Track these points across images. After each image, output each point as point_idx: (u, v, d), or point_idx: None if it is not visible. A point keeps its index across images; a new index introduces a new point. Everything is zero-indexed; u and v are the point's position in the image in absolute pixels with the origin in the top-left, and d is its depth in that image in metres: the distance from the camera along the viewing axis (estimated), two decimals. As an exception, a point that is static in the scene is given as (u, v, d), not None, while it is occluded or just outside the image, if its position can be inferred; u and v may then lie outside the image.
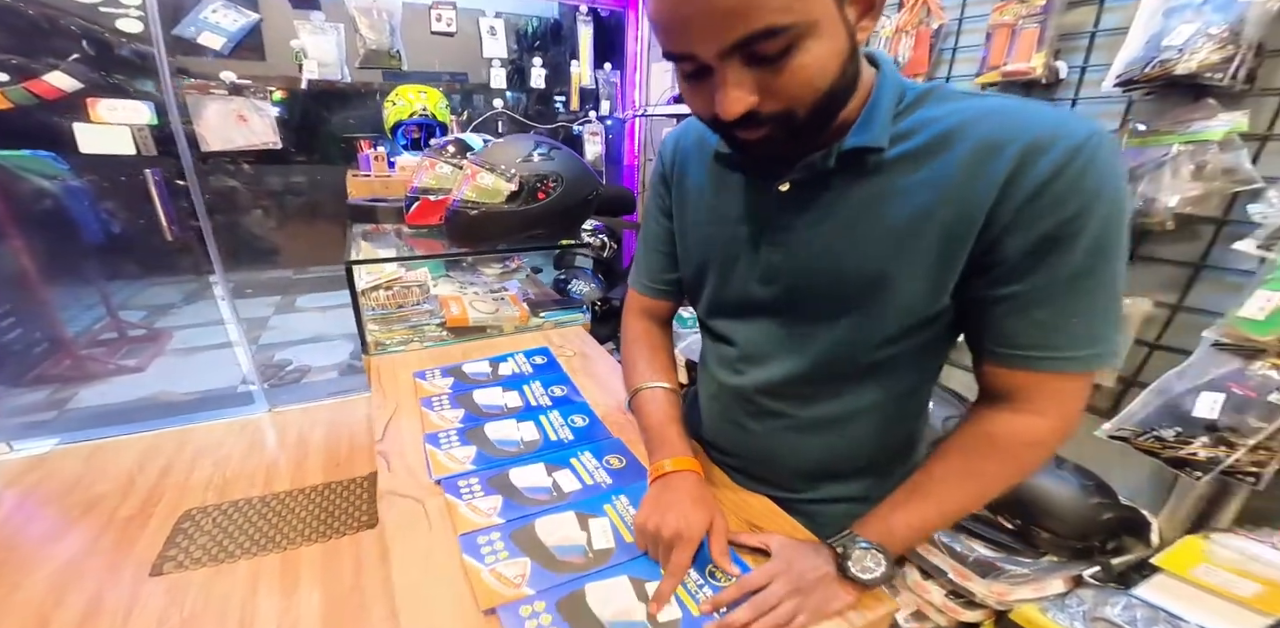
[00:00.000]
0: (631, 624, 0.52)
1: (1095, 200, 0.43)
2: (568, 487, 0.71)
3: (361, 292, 1.17)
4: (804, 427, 0.66)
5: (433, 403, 0.90)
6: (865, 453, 0.68)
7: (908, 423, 0.68)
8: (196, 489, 1.87)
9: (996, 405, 0.54)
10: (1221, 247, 0.97)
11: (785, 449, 0.69)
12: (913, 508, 0.57)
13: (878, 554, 0.55)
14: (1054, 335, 0.48)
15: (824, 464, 0.69)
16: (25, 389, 2.32)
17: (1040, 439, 0.53)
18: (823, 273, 0.56)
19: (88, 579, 1.47)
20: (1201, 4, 0.91)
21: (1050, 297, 0.47)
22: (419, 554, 0.60)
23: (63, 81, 1.84)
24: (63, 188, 2.34)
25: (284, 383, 2.51)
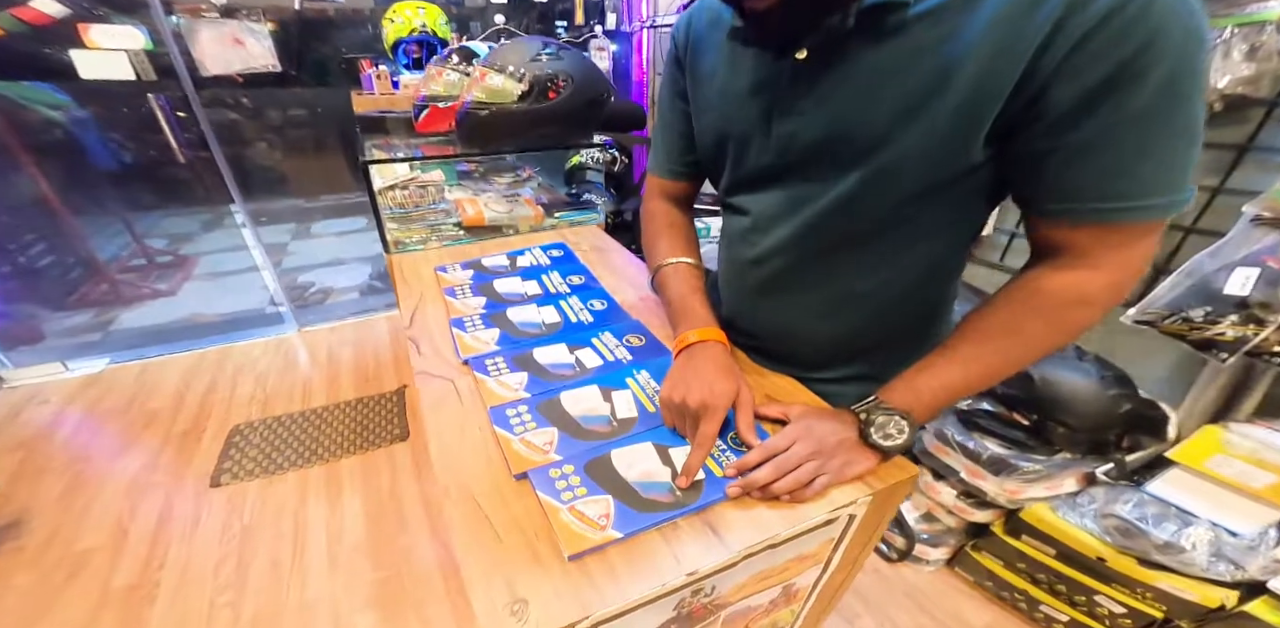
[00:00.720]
0: (656, 484, 0.53)
1: (1162, 36, 0.38)
2: (590, 363, 0.72)
3: (379, 191, 1.16)
4: (820, 300, 0.64)
5: (455, 292, 0.91)
6: (886, 328, 0.66)
7: (934, 296, 0.66)
8: (241, 405, 1.99)
9: (1048, 263, 0.51)
10: (1270, 128, 0.93)
11: (801, 325, 0.68)
12: (941, 370, 0.55)
13: (901, 421, 0.54)
14: (1120, 183, 0.44)
15: (841, 340, 0.68)
16: (70, 312, 2.43)
17: (1093, 295, 0.49)
18: (837, 138, 0.53)
19: (156, 491, 1.61)
20: None
21: (1115, 141, 0.43)
22: (453, 428, 0.63)
23: (50, 7, 1.78)
24: (70, 118, 2.35)
25: (309, 304, 2.58)
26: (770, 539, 0.50)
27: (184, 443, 1.78)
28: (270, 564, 1.36)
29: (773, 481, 0.52)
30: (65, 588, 1.29)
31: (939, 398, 0.55)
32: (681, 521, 0.51)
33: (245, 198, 2.34)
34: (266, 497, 1.57)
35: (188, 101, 2.09)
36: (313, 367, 2.20)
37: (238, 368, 2.18)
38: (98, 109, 2.37)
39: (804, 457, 0.53)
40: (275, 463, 1.69)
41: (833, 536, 0.57)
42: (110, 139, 2.52)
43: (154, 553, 1.39)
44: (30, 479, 1.62)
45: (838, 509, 0.53)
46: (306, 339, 2.39)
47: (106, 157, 2.58)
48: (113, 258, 2.74)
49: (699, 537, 0.49)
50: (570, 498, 0.51)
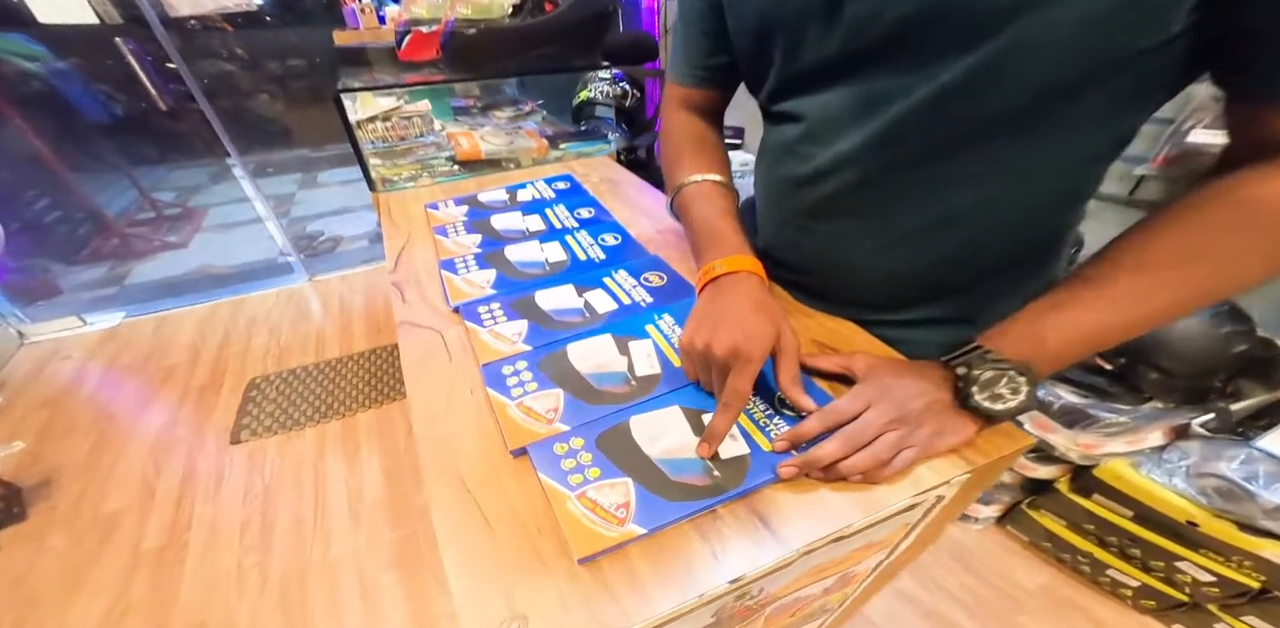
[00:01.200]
0: (688, 463, 0.42)
1: None
2: (602, 308, 0.60)
3: (357, 124, 1.01)
4: (901, 224, 0.49)
5: (447, 231, 0.78)
6: (987, 261, 0.50)
7: (1056, 222, 0.49)
8: (256, 358, 1.95)
9: (1264, 165, 0.35)
10: None
11: (870, 256, 0.52)
12: (1084, 310, 0.39)
13: (1016, 378, 0.39)
14: None
15: (923, 275, 0.52)
16: (84, 266, 2.42)
17: None
18: (948, 11, 0.36)
19: (178, 449, 1.57)
20: None
21: None
22: (439, 391, 0.51)
23: None
24: (49, 70, 2.28)
25: (319, 253, 2.50)
26: (839, 532, 0.38)
27: (202, 398, 1.76)
28: (294, 523, 1.34)
29: (841, 457, 0.40)
30: (99, 551, 1.29)
31: (1074, 348, 0.40)
32: (722, 509, 0.39)
33: (247, 150, 2.28)
34: (286, 454, 1.54)
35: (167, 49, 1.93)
36: (325, 317, 2.14)
37: (251, 320, 2.14)
38: (76, 60, 2.29)
39: (881, 426, 0.40)
40: (292, 419, 1.65)
41: (910, 520, 0.46)
42: (94, 90, 2.44)
43: (180, 514, 1.38)
44: (58, 438, 1.62)
45: (925, 492, 0.41)
46: (318, 289, 2.33)
47: (95, 108, 2.51)
48: (122, 212, 2.73)
49: (745, 531, 0.38)
50: (580, 482, 0.40)
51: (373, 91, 1.08)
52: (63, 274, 2.32)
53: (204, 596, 1.19)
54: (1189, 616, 0.98)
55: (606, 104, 2.02)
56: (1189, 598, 0.96)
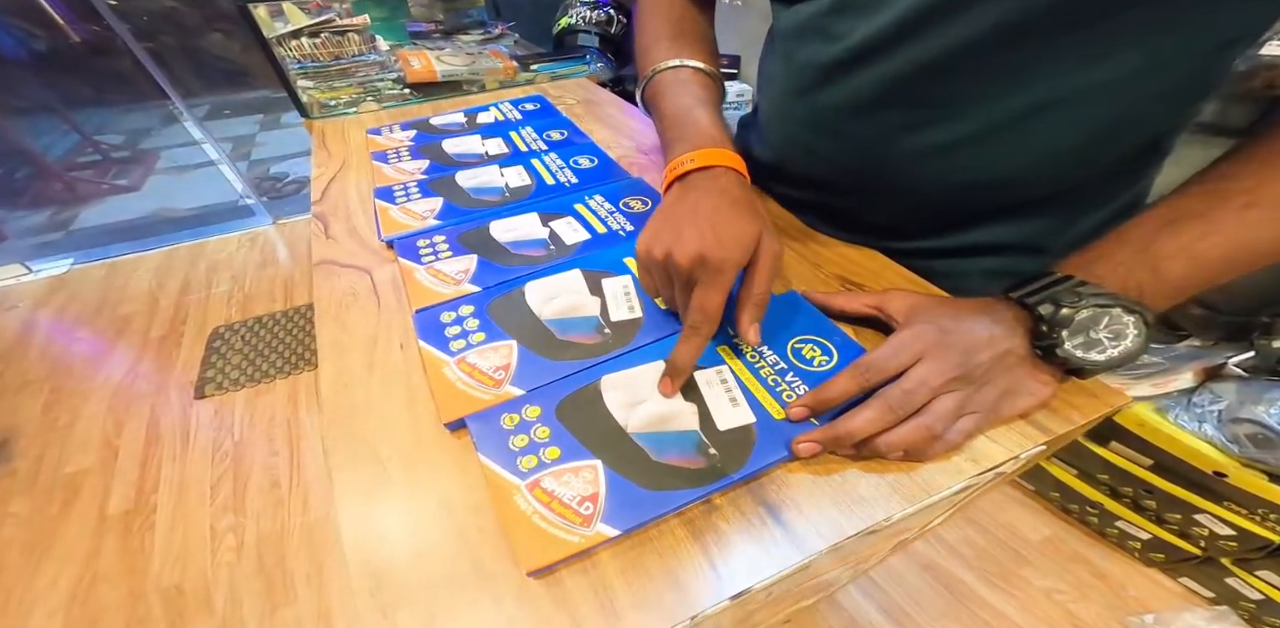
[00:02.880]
0: (675, 437, 0.32)
1: None
2: (571, 239, 0.48)
3: (275, 40, 0.84)
4: (975, 115, 0.36)
5: (388, 156, 0.64)
6: (1075, 170, 0.38)
7: (1181, 110, 0.37)
8: (219, 306, 1.81)
9: None
10: None
11: (922, 160, 0.40)
12: (1201, 228, 0.29)
13: (1123, 316, 0.29)
14: None
15: (991, 188, 0.40)
16: (25, 212, 2.26)
17: None
18: None
19: (140, 405, 1.45)
20: None
21: None
22: (359, 345, 0.41)
23: None
24: None
25: (283, 196, 2.34)
26: (872, 527, 0.29)
27: (162, 349, 1.65)
28: (269, 483, 1.27)
29: (881, 430, 0.30)
30: (63, 517, 1.22)
31: (1200, 275, 0.29)
32: (720, 498, 0.30)
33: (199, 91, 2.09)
34: (256, 408, 1.45)
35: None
36: (292, 262, 2.00)
37: (211, 266, 1.99)
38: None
39: (936, 387, 0.30)
40: (260, 370, 1.55)
41: (955, 501, 0.37)
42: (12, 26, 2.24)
43: (146, 475, 1.30)
44: (10, 395, 1.52)
45: (985, 472, 0.31)
46: (283, 232, 2.17)
47: (13, 46, 2.31)
48: (64, 155, 2.54)
49: (748, 526, 0.29)
50: (533, 466, 0.30)
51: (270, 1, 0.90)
52: (4, 220, 2.16)
53: (177, 561, 1.13)
54: (1198, 570, 0.95)
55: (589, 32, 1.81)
56: (1202, 552, 0.92)
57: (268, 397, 1.49)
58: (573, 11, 1.69)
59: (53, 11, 1.98)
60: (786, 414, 0.33)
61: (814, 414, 0.32)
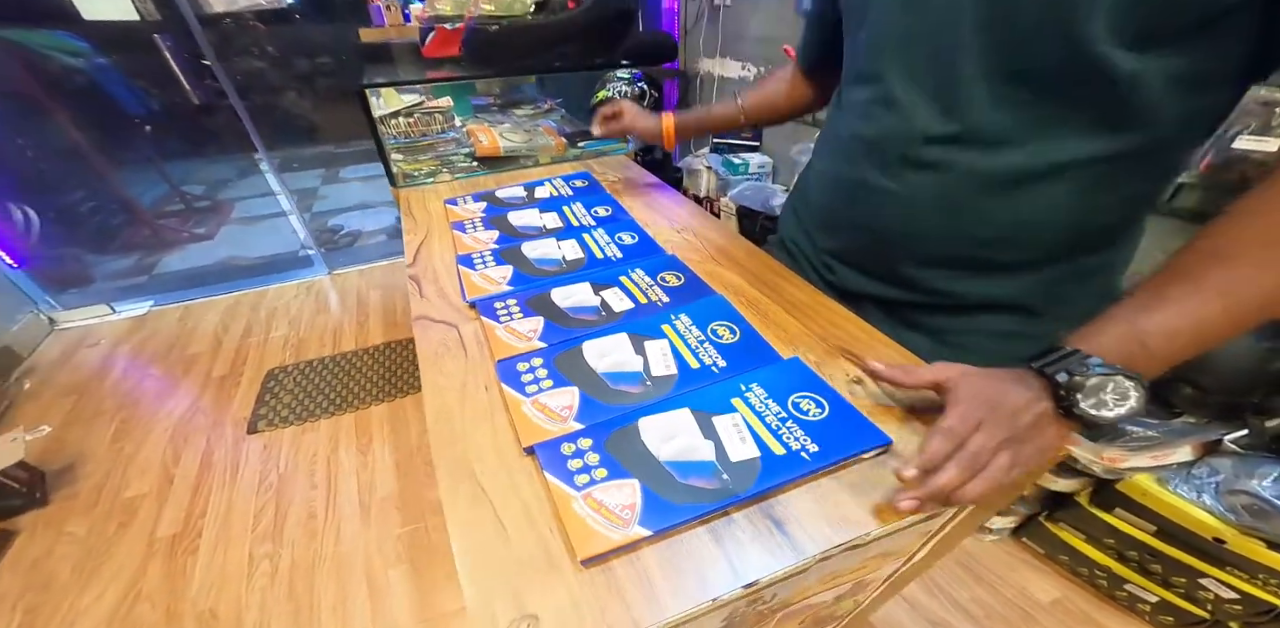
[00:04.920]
0: (696, 465, 0.41)
1: None
2: (619, 306, 0.59)
3: (380, 119, 1.02)
4: (965, 183, 0.48)
5: (465, 226, 0.78)
6: (1051, 233, 0.49)
7: (1133, 197, 0.48)
8: (275, 349, 1.97)
9: None
10: None
11: (936, 218, 0.51)
12: (1182, 306, 0.36)
13: (1125, 382, 0.36)
14: None
15: (979, 246, 0.51)
16: (115, 256, 2.48)
17: None
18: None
19: (197, 437, 1.59)
20: None
21: None
22: (453, 386, 0.52)
23: None
24: (91, 66, 2.33)
25: (339, 247, 2.54)
26: (855, 540, 0.37)
27: (222, 387, 1.79)
28: (306, 515, 1.35)
29: (960, 485, 0.36)
30: (116, 537, 1.32)
31: (1179, 346, 0.37)
32: (736, 513, 0.39)
33: (274, 145, 2.34)
34: (300, 445, 1.56)
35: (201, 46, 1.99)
36: (343, 310, 2.17)
37: (271, 311, 2.17)
38: (115, 55, 2.35)
39: (994, 448, 0.36)
40: (308, 410, 1.68)
41: (929, 529, 0.45)
42: (132, 86, 2.51)
43: (196, 502, 1.40)
44: (83, 424, 1.66)
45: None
46: (337, 282, 2.36)
47: (132, 103, 2.58)
48: (153, 204, 2.78)
49: (758, 535, 0.38)
50: (586, 483, 0.40)
51: (396, 87, 1.09)
52: (95, 263, 2.38)
53: (215, 585, 1.21)
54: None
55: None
56: (1210, 615, 0.93)
57: (312, 435, 1.60)
58: (610, 85, 1.87)
59: (183, 78, 2.27)
60: (905, 479, 0.36)
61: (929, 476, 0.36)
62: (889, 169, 0.52)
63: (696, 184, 2.25)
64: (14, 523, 1.35)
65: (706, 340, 0.54)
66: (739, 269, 0.67)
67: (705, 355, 0.52)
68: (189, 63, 2.29)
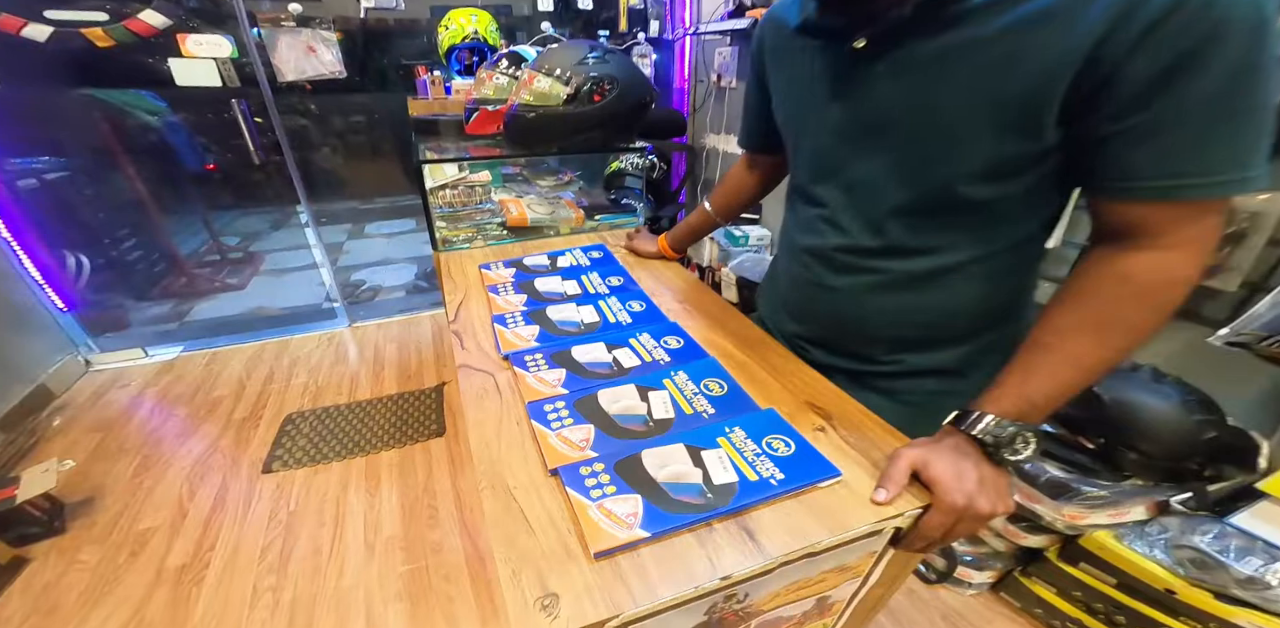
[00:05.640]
0: (687, 486, 0.52)
1: (1226, 27, 0.40)
2: (627, 363, 0.72)
3: (430, 191, 1.19)
4: (894, 283, 0.63)
5: (498, 289, 0.92)
6: (963, 314, 0.64)
7: (1014, 282, 0.63)
8: (295, 395, 2.09)
9: (1123, 244, 0.49)
10: None
11: (874, 309, 0.66)
12: (1048, 373, 0.51)
13: (1026, 433, 0.51)
14: (1190, 162, 0.44)
15: (913, 327, 0.66)
16: (152, 302, 2.63)
17: (1181, 276, 0.48)
18: (902, 124, 0.55)
19: (214, 474, 1.71)
20: None
21: (1184, 122, 0.43)
22: (492, 421, 0.63)
23: (155, 19, 1.94)
24: (164, 123, 2.55)
25: (360, 301, 2.69)
26: (809, 548, 0.48)
27: (242, 429, 1.88)
28: (311, 551, 1.41)
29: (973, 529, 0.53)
30: (127, 566, 1.38)
31: (1053, 401, 0.51)
32: (717, 523, 0.50)
33: (309, 199, 2.47)
34: (312, 485, 1.64)
35: (264, 107, 2.23)
36: (360, 362, 2.29)
37: (294, 360, 2.29)
38: (186, 114, 2.58)
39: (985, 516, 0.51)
40: (322, 453, 1.76)
41: (875, 549, 0.55)
42: (197, 143, 2.72)
43: (207, 535, 1.47)
44: (108, 459, 1.74)
45: (884, 520, 0.50)
46: (356, 335, 2.50)
47: (193, 159, 2.78)
48: (191, 253, 2.95)
49: (734, 541, 0.48)
50: (599, 496, 0.51)
51: (443, 163, 1.28)
52: (133, 309, 2.52)
53: (217, 614, 1.25)
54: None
55: (635, 175, 2.22)
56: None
57: (324, 476, 1.67)
58: (622, 157, 2.05)
59: (249, 138, 2.42)
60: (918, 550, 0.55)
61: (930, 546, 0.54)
62: (838, 273, 0.67)
63: (700, 254, 2.43)
64: (30, 550, 1.41)
65: (699, 393, 0.67)
66: (730, 335, 0.80)
67: (698, 404, 0.65)
68: (254, 123, 2.46)
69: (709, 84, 2.44)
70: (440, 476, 1.67)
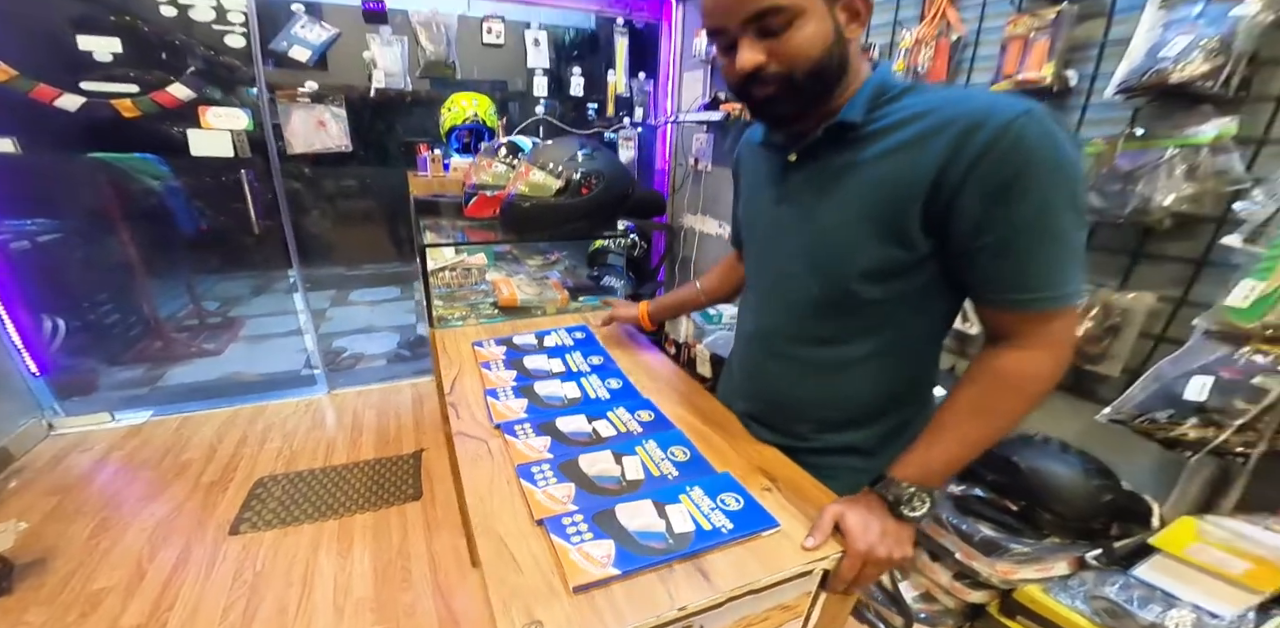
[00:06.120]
0: (653, 534, 0.63)
1: (1031, 167, 0.54)
2: (605, 433, 0.84)
3: (432, 272, 1.34)
4: (813, 369, 0.77)
5: (490, 365, 1.05)
6: (869, 399, 0.76)
7: (911, 374, 0.76)
8: (268, 460, 2.10)
9: (998, 345, 0.64)
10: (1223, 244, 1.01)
11: (799, 391, 0.80)
12: (941, 447, 0.65)
13: (923, 494, 0.64)
14: (1023, 279, 0.59)
15: (831, 410, 0.79)
16: (124, 367, 2.59)
17: (1039, 372, 0.61)
18: (813, 224, 0.70)
19: (177, 536, 1.72)
20: (1196, 18, 0.98)
21: (1011, 248, 0.57)
22: (485, 480, 0.74)
23: (181, 92, 2.12)
24: (165, 187, 2.53)
25: (341, 369, 2.73)
26: (751, 584, 0.59)
27: (210, 492, 1.87)
28: (276, 611, 1.40)
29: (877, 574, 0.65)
30: (76, 626, 1.34)
31: (948, 468, 0.65)
32: (677, 564, 0.60)
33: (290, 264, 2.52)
34: (281, 547, 1.62)
35: (269, 176, 2.33)
36: (338, 428, 2.31)
37: (269, 425, 2.30)
38: (188, 179, 2.57)
39: (885, 561, 0.63)
40: (293, 515, 1.75)
41: (809, 589, 0.65)
42: (194, 207, 2.67)
43: (165, 595, 1.44)
44: (63, 521, 1.71)
45: (812, 562, 0.62)
46: (335, 401, 2.53)
47: (188, 223, 2.70)
48: (170, 317, 2.87)
49: (690, 579, 0.59)
50: (579, 541, 0.62)
51: (443, 246, 1.44)
52: (103, 372, 2.49)
53: None
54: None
55: (618, 253, 2.41)
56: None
57: (295, 538, 1.66)
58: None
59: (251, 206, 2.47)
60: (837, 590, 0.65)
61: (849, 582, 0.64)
62: (772, 358, 0.81)
63: (676, 330, 2.57)
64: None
65: (666, 458, 0.79)
66: (695, 411, 0.93)
67: (664, 468, 0.77)
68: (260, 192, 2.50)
69: (687, 167, 2.68)
70: (415, 539, 1.67)
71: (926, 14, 1.46)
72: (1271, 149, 0.97)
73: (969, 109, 0.57)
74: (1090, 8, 1.18)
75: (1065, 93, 1.23)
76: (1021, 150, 0.54)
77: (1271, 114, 0.97)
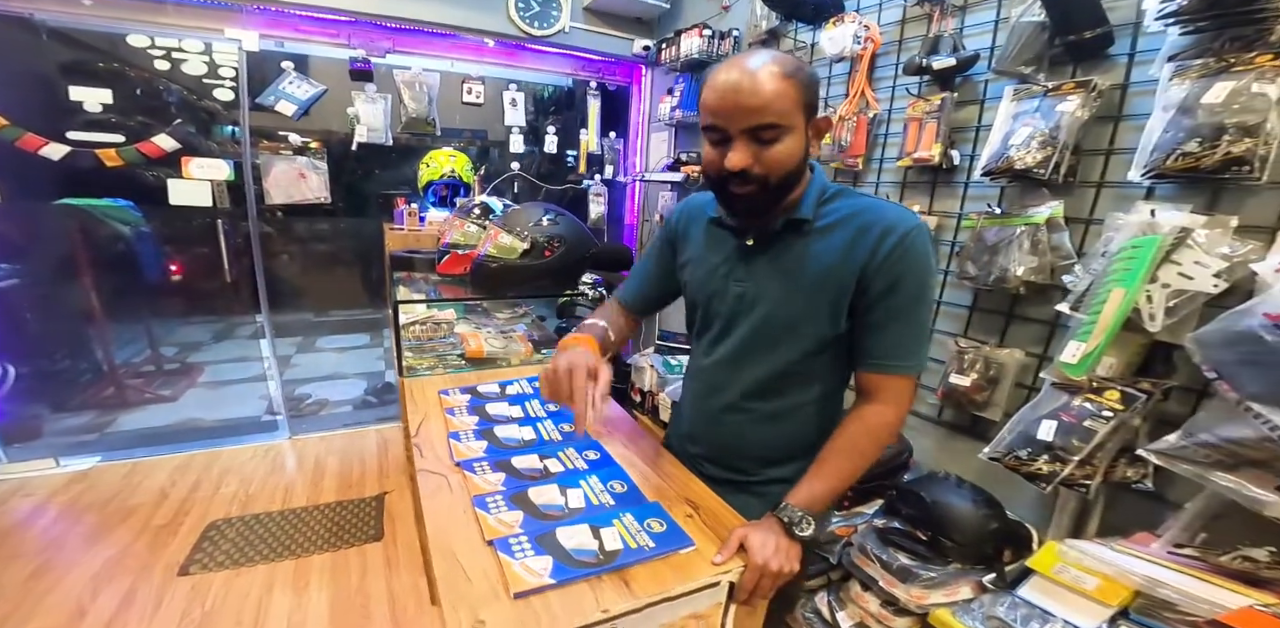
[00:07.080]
0: (586, 551, 0.76)
1: (910, 268, 0.77)
2: (554, 469, 0.97)
3: (403, 326, 1.47)
4: (762, 418, 0.93)
5: (454, 411, 1.17)
6: (805, 439, 0.92)
7: (831, 417, 0.93)
8: (223, 503, 2.09)
9: (864, 400, 0.84)
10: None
11: (751, 436, 0.96)
12: (821, 479, 0.82)
13: (809, 517, 0.79)
14: (889, 349, 0.81)
15: (775, 449, 0.96)
16: (71, 413, 2.54)
17: (887, 421, 0.82)
18: (764, 302, 0.86)
19: (122, 577, 1.69)
20: (1034, 111, 1.18)
21: (886, 325, 0.80)
22: (444, 509, 0.86)
23: (166, 143, 2.16)
24: (135, 233, 2.53)
25: (304, 414, 2.73)
26: (666, 592, 0.72)
27: (159, 535, 1.80)
28: (225, 651, 1.38)
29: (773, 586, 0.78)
30: None
31: (828, 495, 0.83)
32: (605, 576, 0.73)
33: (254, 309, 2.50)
34: (233, 586, 1.58)
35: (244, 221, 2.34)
36: (298, 472, 2.30)
37: (225, 470, 2.26)
38: (159, 225, 2.57)
39: (778, 573, 0.76)
40: (246, 556, 1.71)
41: (720, 600, 0.78)
42: (163, 252, 2.71)
43: (104, 635, 1.38)
44: (-1, 565, 1.64)
45: (719, 574, 0.75)
46: (296, 446, 2.51)
47: (155, 269, 2.72)
48: (125, 363, 2.83)
49: (615, 588, 0.71)
50: (522, 556, 0.74)
51: (416, 303, 1.57)
52: (49, 418, 2.43)
53: None
54: None
55: (586, 306, 2.54)
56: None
57: (247, 577, 1.63)
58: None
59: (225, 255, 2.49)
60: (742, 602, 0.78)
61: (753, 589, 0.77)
62: (728, 410, 0.96)
63: (641, 379, 2.67)
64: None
65: (605, 491, 0.92)
66: (638, 450, 1.07)
67: (603, 498, 0.90)
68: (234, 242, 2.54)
69: (653, 223, 2.86)
70: (375, 578, 1.66)
71: (850, 92, 1.61)
72: (1095, 228, 1.18)
73: (882, 218, 0.79)
74: (967, 95, 1.38)
75: (951, 170, 1.42)
76: (911, 256, 0.76)
77: (1094, 198, 1.18)
